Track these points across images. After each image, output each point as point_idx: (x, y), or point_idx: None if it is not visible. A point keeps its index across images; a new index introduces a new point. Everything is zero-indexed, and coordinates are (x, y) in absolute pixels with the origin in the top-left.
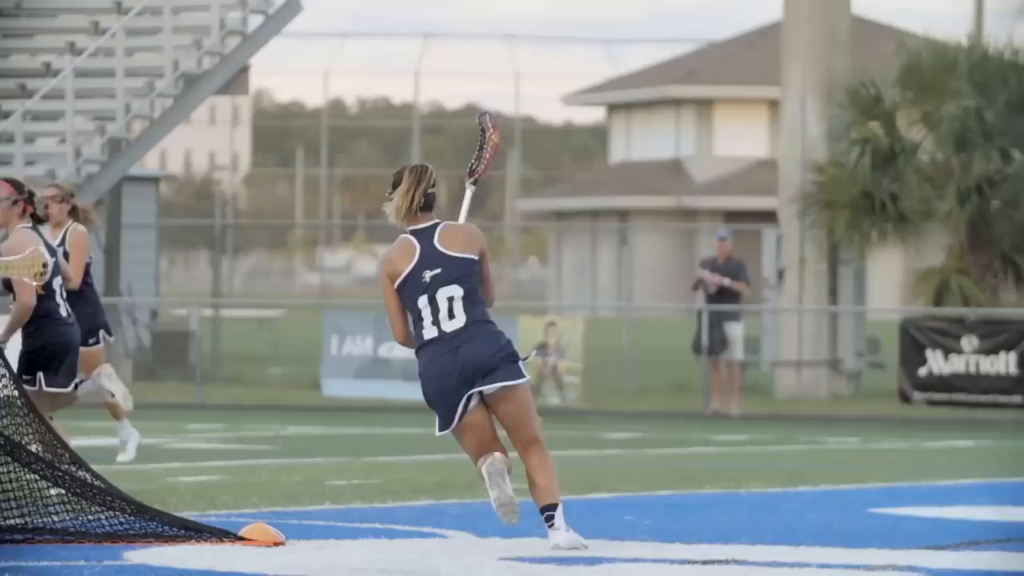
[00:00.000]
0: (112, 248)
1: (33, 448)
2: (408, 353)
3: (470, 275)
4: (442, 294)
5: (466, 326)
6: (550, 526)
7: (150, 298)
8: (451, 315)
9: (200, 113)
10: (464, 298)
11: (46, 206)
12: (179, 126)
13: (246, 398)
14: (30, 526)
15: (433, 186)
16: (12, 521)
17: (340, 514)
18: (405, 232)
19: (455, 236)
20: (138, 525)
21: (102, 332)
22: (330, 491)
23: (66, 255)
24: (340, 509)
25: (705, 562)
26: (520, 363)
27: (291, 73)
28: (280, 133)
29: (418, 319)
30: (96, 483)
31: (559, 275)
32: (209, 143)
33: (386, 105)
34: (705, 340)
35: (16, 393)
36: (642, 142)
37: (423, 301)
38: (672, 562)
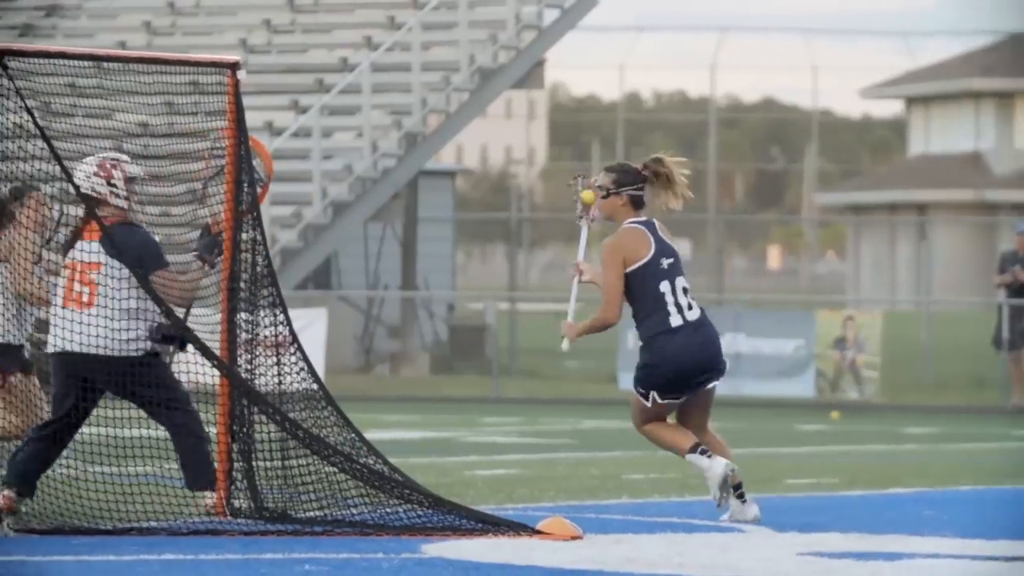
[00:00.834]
0: (409, 242)
1: (332, 441)
2: None
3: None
4: (679, 283)
5: (702, 319)
6: (743, 500)
7: (447, 292)
8: (689, 307)
9: (496, 107)
10: (689, 290)
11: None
12: (475, 120)
13: (543, 392)
14: (329, 519)
15: None
16: (312, 513)
17: (637, 508)
18: (631, 223)
19: (666, 232)
20: (435, 518)
21: None
22: (627, 485)
23: None
24: (637, 503)
25: (1008, 559)
26: None
27: (586, 67)
28: (576, 127)
29: (659, 304)
30: (394, 476)
31: (857, 269)
32: (505, 137)
33: (682, 99)
34: (1006, 334)
35: (315, 386)
36: (941, 135)
37: (665, 286)
38: (973, 558)
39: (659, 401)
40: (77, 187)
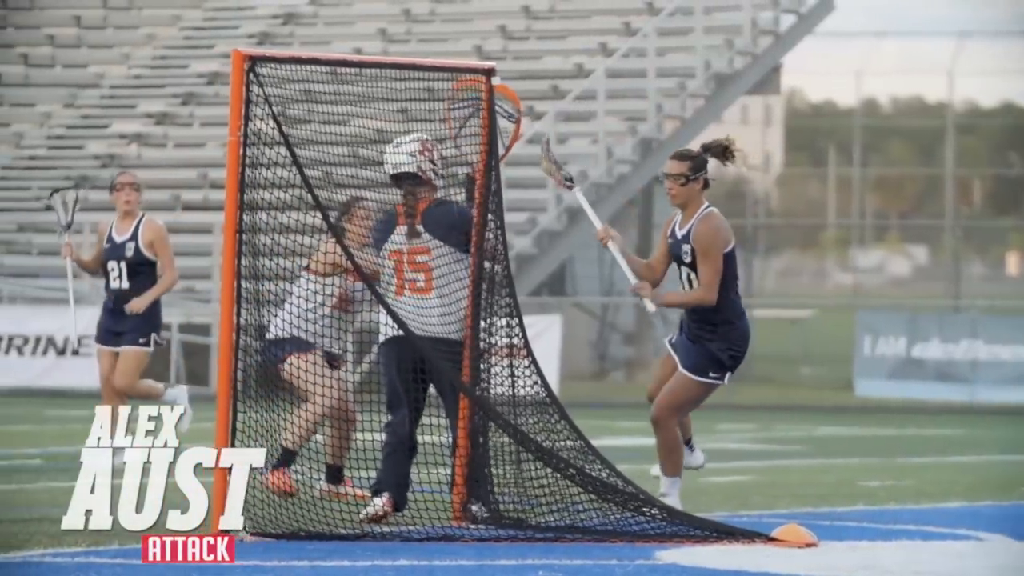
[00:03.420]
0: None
1: (563, 448)
2: (943, 354)
3: None
4: None
5: None
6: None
7: None
8: None
9: (732, 113)
10: None
11: (116, 188)
12: (710, 126)
13: (778, 398)
14: (563, 525)
15: None
16: (546, 519)
17: (873, 515)
18: (712, 208)
19: None
20: (668, 527)
21: (154, 336)
22: (863, 492)
23: (139, 250)
24: (873, 510)
25: None
26: None
27: (823, 73)
28: (812, 133)
29: (736, 287)
30: (627, 489)
31: None
32: (741, 143)
33: (919, 104)
34: None
35: (547, 398)
36: None
37: (737, 271)
38: None
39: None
40: (315, 196)
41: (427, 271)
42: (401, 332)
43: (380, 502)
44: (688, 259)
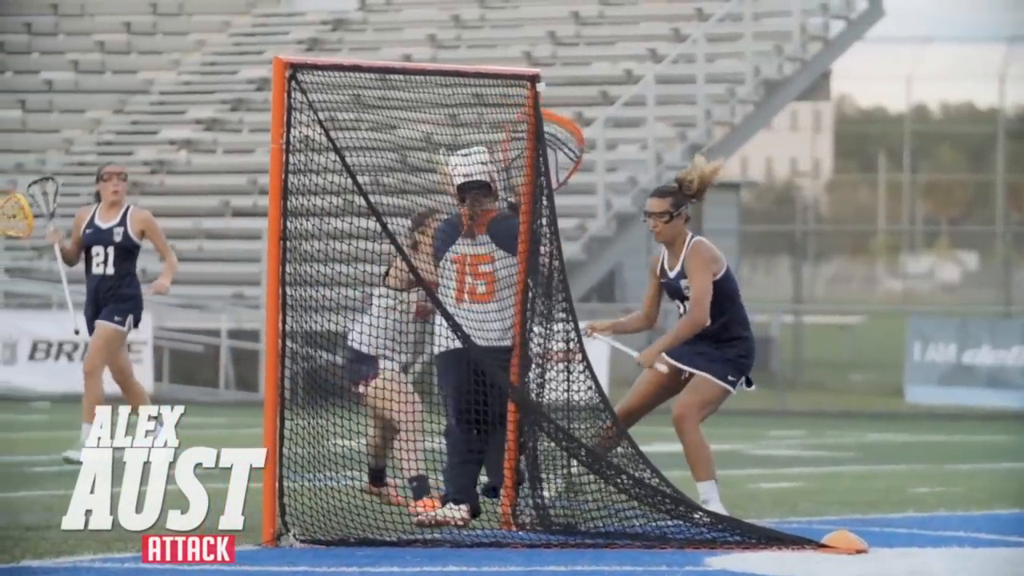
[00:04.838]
0: None
1: (614, 453)
2: (993, 360)
3: None
4: None
5: None
6: None
7: None
8: None
9: (781, 119)
10: None
11: (103, 178)
12: (760, 132)
13: (828, 404)
14: (613, 531)
15: None
16: (595, 524)
17: (922, 522)
18: (698, 237)
19: None
20: (718, 533)
21: (131, 317)
22: (912, 498)
23: (127, 235)
24: (923, 517)
25: None
26: None
27: (873, 78)
28: (862, 139)
29: (739, 302)
30: (677, 496)
31: None
32: (790, 149)
33: (970, 110)
34: None
35: (600, 403)
36: None
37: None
38: None
39: (741, 389)
40: (368, 201)
41: (490, 280)
42: (460, 345)
43: (464, 508)
44: (689, 293)
